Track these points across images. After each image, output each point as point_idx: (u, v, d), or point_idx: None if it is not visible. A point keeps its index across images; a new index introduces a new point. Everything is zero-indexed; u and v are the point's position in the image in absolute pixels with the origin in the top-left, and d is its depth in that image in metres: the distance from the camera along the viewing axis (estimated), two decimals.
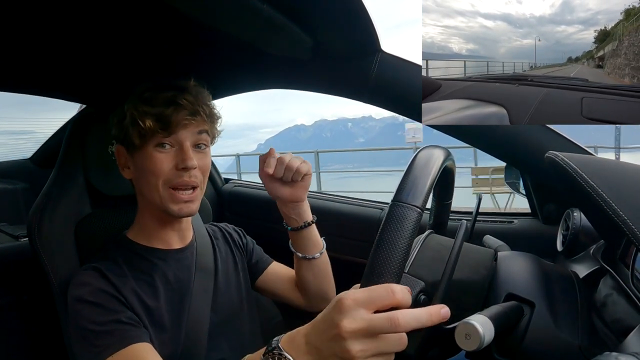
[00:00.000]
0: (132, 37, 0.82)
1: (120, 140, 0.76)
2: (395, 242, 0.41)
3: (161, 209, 0.74)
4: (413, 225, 0.41)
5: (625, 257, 0.58)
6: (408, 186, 0.44)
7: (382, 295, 0.39)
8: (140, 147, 0.72)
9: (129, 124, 0.72)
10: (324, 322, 0.41)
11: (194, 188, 0.74)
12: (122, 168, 0.78)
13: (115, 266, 0.74)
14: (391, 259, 0.40)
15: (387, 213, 0.42)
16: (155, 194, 0.73)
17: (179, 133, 0.72)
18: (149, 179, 0.72)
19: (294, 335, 0.44)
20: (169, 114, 0.71)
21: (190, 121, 0.72)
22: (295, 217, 0.83)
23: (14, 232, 1.22)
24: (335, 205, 1.29)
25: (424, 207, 0.43)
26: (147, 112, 0.71)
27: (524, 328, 0.53)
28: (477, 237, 0.79)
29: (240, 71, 1.04)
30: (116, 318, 0.68)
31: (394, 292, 0.39)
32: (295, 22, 0.75)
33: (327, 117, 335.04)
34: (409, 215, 0.41)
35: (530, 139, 0.84)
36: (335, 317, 0.39)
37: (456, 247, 0.49)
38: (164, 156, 0.72)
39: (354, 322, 0.38)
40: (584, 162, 0.49)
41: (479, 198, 0.84)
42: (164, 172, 0.72)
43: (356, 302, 0.39)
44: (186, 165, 0.71)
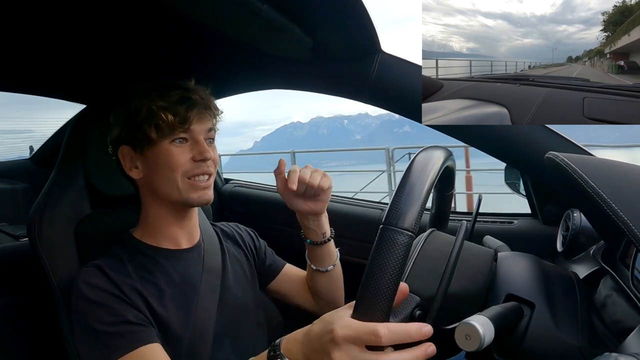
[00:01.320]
0: (132, 37, 0.82)
1: (127, 140, 0.76)
2: (386, 270, 0.40)
3: (180, 201, 0.76)
4: (404, 250, 0.41)
5: (625, 258, 0.58)
6: (400, 206, 0.42)
7: (367, 338, 0.41)
8: (155, 143, 0.74)
9: (145, 119, 0.73)
10: (318, 342, 0.44)
11: (209, 175, 0.77)
12: (129, 169, 0.78)
13: (118, 264, 0.74)
14: (381, 291, 0.40)
15: (377, 237, 0.42)
16: (173, 188, 0.75)
17: (195, 127, 0.75)
18: (166, 174, 0.74)
19: (291, 344, 0.48)
20: (184, 109, 0.74)
21: (204, 115, 0.76)
22: (315, 229, 0.83)
23: (14, 232, 1.22)
24: (335, 205, 1.29)
25: (417, 227, 0.42)
26: (165, 107, 0.73)
27: (524, 329, 0.53)
28: (477, 237, 0.79)
29: (240, 71, 1.04)
30: (124, 318, 0.68)
31: (379, 336, 0.40)
32: (295, 23, 0.75)
33: (324, 115, 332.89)
34: (400, 241, 0.41)
35: (530, 139, 0.84)
36: (327, 346, 0.43)
37: (455, 252, 0.49)
38: (181, 150, 0.75)
39: (343, 356, 0.42)
40: (584, 162, 0.49)
41: (479, 198, 0.84)
42: (182, 165, 0.74)
43: (346, 339, 0.42)
44: (205, 157, 0.74)
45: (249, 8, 0.64)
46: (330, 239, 0.85)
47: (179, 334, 0.74)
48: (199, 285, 0.79)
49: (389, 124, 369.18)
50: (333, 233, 0.85)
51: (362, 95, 0.91)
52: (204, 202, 0.77)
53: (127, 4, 0.67)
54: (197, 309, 0.77)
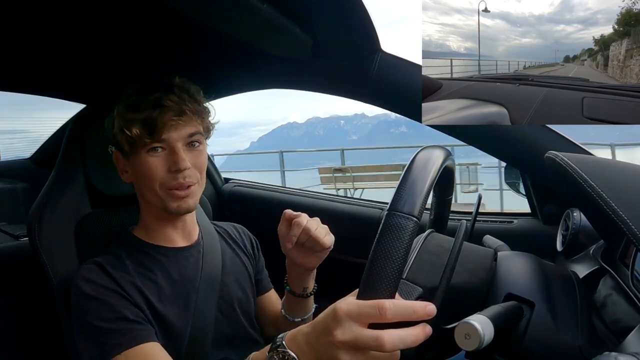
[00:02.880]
0: (131, 37, 0.82)
1: (115, 145, 0.77)
2: (391, 254, 0.40)
3: (161, 208, 0.75)
4: (409, 235, 0.41)
5: (625, 257, 0.58)
6: (405, 194, 0.43)
7: (371, 312, 0.40)
8: (133, 153, 0.73)
9: (118, 131, 0.73)
10: (321, 327, 0.43)
11: (189, 186, 0.74)
12: (121, 172, 0.79)
13: (117, 261, 0.75)
14: (386, 271, 0.40)
15: (382, 223, 0.42)
16: (153, 196, 0.74)
17: (169, 135, 0.71)
18: (146, 183, 0.74)
19: (295, 334, 0.46)
20: (155, 117, 0.70)
21: (177, 122, 0.72)
22: (299, 281, 0.79)
23: (14, 231, 1.22)
24: (335, 205, 1.29)
25: (421, 215, 0.42)
26: (133, 120, 0.71)
27: (524, 328, 0.53)
28: (477, 237, 0.79)
29: (240, 71, 1.03)
30: (122, 315, 0.68)
31: (384, 310, 0.39)
32: (295, 22, 0.75)
33: (320, 115, 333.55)
34: (405, 226, 0.41)
35: (530, 139, 0.84)
36: (330, 324, 0.41)
37: (455, 249, 0.49)
38: (156, 160, 0.72)
39: (344, 333, 0.40)
40: (584, 162, 0.49)
41: (479, 198, 0.84)
42: (158, 176, 0.72)
43: (348, 315, 0.40)
44: (178, 167, 0.71)
45: (248, 8, 0.64)
46: (311, 295, 0.81)
47: (178, 332, 0.74)
48: (198, 284, 0.79)
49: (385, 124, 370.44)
50: (315, 288, 0.81)
51: (362, 94, 0.91)
52: (184, 211, 0.75)
53: (127, 3, 0.67)
54: (196, 307, 0.77)
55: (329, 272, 0.89)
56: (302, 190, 1.41)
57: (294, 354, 0.44)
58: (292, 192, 1.40)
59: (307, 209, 1.34)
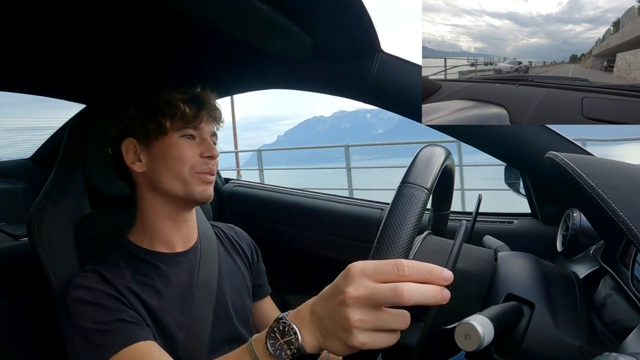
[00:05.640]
0: (132, 37, 0.82)
1: (133, 132, 0.77)
2: (404, 220, 0.41)
3: (184, 195, 0.76)
4: (421, 205, 0.42)
5: (625, 258, 0.58)
6: (416, 169, 0.45)
7: (388, 269, 0.39)
8: (166, 134, 0.75)
9: (160, 109, 0.75)
10: (331, 289, 0.41)
11: (213, 175, 0.79)
12: (132, 162, 0.78)
13: (116, 269, 0.74)
14: (399, 235, 0.41)
15: (395, 194, 0.43)
16: (179, 180, 0.75)
17: (203, 126, 0.78)
18: (174, 166, 0.75)
19: (300, 308, 0.45)
20: (196, 107, 0.77)
21: (212, 116, 0.80)
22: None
23: (14, 231, 1.22)
24: (335, 205, 1.29)
25: (432, 189, 0.44)
26: (182, 100, 0.76)
27: (524, 329, 0.53)
28: (477, 237, 0.79)
29: (240, 71, 1.03)
30: (119, 317, 0.68)
31: (402, 267, 0.38)
32: (295, 22, 0.75)
33: (346, 109, 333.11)
34: (417, 196, 0.42)
35: (530, 139, 0.84)
36: (341, 283, 0.40)
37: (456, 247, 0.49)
38: (189, 144, 0.76)
39: (357, 289, 0.38)
40: (584, 162, 0.49)
41: (479, 198, 0.84)
42: (190, 159, 0.76)
43: (363, 271, 0.39)
44: (212, 153, 0.77)
45: (248, 8, 0.64)
46: None
47: (175, 336, 0.74)
48: (195, 288, 0.79)
49: None
50: None
51: (362, 95, 0.91)
52: (206, 198, 0.78)
53: (127, 3, 0.67)
54: (193, 311, 0.77)
55: (328, 272, 0.89)
56: (302, 190, 1.41)
57: (296, 325, 0.43)
58: (292, 192, 1.40)
59: (307, 209, 1.35)
